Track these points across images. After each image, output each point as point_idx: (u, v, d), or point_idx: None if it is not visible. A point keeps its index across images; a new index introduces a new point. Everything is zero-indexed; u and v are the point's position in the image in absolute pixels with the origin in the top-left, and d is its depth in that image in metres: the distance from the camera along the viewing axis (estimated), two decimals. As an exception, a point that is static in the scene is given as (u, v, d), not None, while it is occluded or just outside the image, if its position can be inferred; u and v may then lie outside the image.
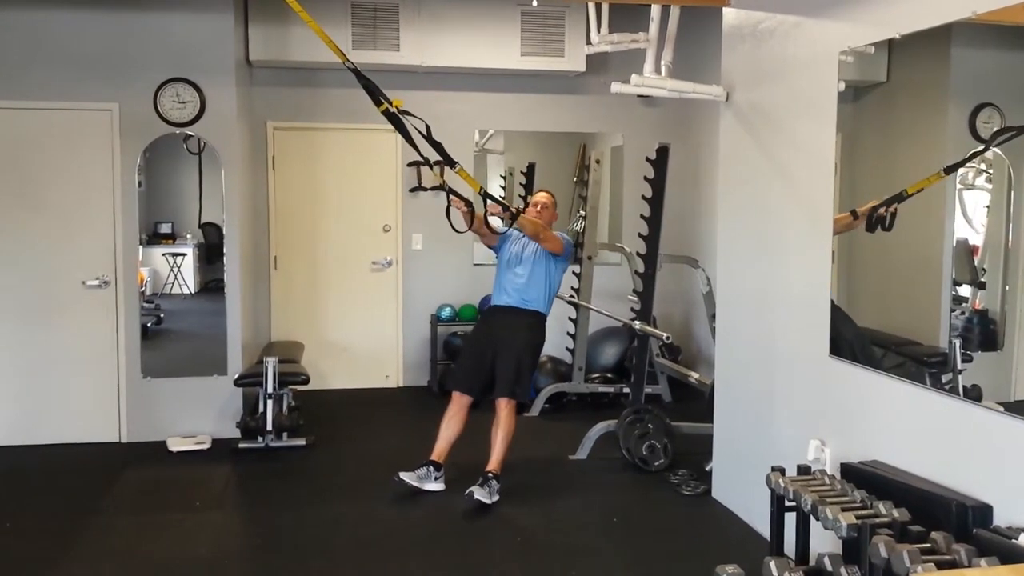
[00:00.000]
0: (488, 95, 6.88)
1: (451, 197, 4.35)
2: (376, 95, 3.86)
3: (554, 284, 4.70)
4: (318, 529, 4.08)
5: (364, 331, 6.92)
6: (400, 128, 3.95)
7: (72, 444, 5.30)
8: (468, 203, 4.39)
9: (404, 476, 4.42)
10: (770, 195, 3.98)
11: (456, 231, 4.43)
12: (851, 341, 3.42)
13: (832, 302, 3.49)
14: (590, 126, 7.09)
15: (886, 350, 3.37)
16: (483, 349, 4.66)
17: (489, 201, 4.45)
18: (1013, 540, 2.34)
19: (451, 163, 4.16)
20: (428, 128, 3.97)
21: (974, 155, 2.89)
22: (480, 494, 4.26)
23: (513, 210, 4.41)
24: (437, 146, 4.06)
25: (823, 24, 3.55)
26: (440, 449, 4.56)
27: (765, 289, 4.03)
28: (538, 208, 4.69)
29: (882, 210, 3.20)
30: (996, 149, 2.82)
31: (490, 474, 4.40)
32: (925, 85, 3.20)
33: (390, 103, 3.87)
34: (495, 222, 4.46)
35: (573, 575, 3.64)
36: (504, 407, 4.54)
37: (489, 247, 4.88)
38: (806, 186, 3.67)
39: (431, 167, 4.53)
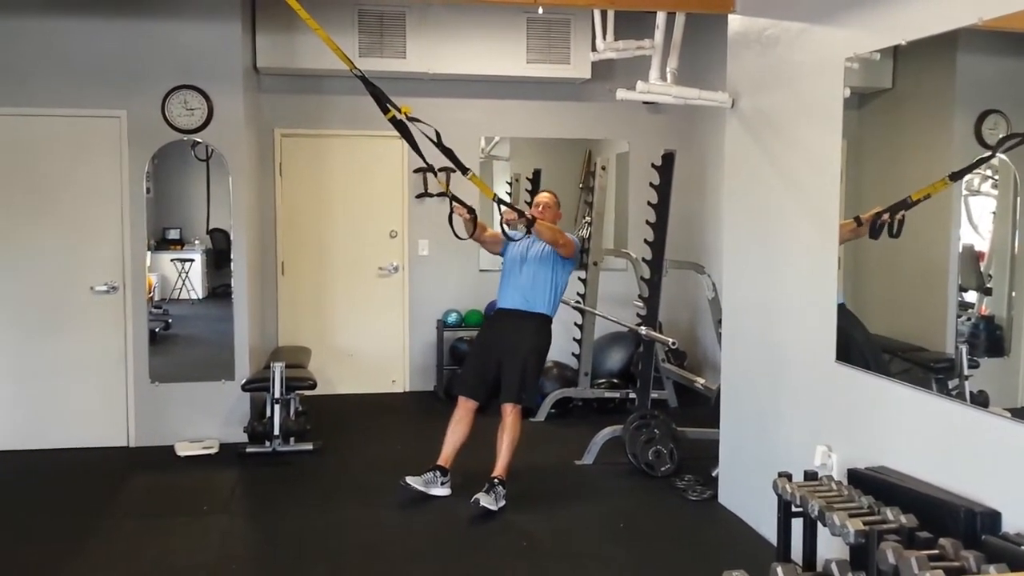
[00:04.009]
0: (494, 102, 6.90)
1: (454, 204, 4.33)
2: (383, 102, 3.83)
3: (560, 286, 4.68)
4: (325, 533, 4.09)
5: (371, 336, 6.94)
6: (407, 136, 3.92)
7: (80, 448, 5.32)
8: (471, 210, 4.38)
9: (410, 481, 4.45)
10: (776, 201, 3.99)
11: (458, 238, 4.45)
12: (862, 346, 3.41)
13: (843, 306, 3.48)
14: (596, 133, 7.11)
15: (892, 355, 3.37)
16: (488, 354, 4.67)
17: (504, 208, 4.32)
18: (1022, 547, 2.34)
19: (463, 170, 4.10)
20: (438, 135, 3.92)
21: (980, 162, 2.89)
22: (486, 501, 4.28)
23: (529, 216, 4.31)
24: (448, 153, 3.98)
25: (828, 31, 3.56)
26: (446, 454, 4.58)
27: (771, 294, 4.04)
28: (540, 208, 4.64)
29: (885, 217, 3.19)
30: (1002, 155, 2.83)
31: (496, 480, 4.41)
32: (931, 91, 3.21)
33: (398, 110, 3.83)
34: (511, 231, 4.36)
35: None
36: (510, 413, 4.55)
37: (494, 253, 4.88)
38: (812, 192, 3.68)
39: (435, 174, 4.59)
